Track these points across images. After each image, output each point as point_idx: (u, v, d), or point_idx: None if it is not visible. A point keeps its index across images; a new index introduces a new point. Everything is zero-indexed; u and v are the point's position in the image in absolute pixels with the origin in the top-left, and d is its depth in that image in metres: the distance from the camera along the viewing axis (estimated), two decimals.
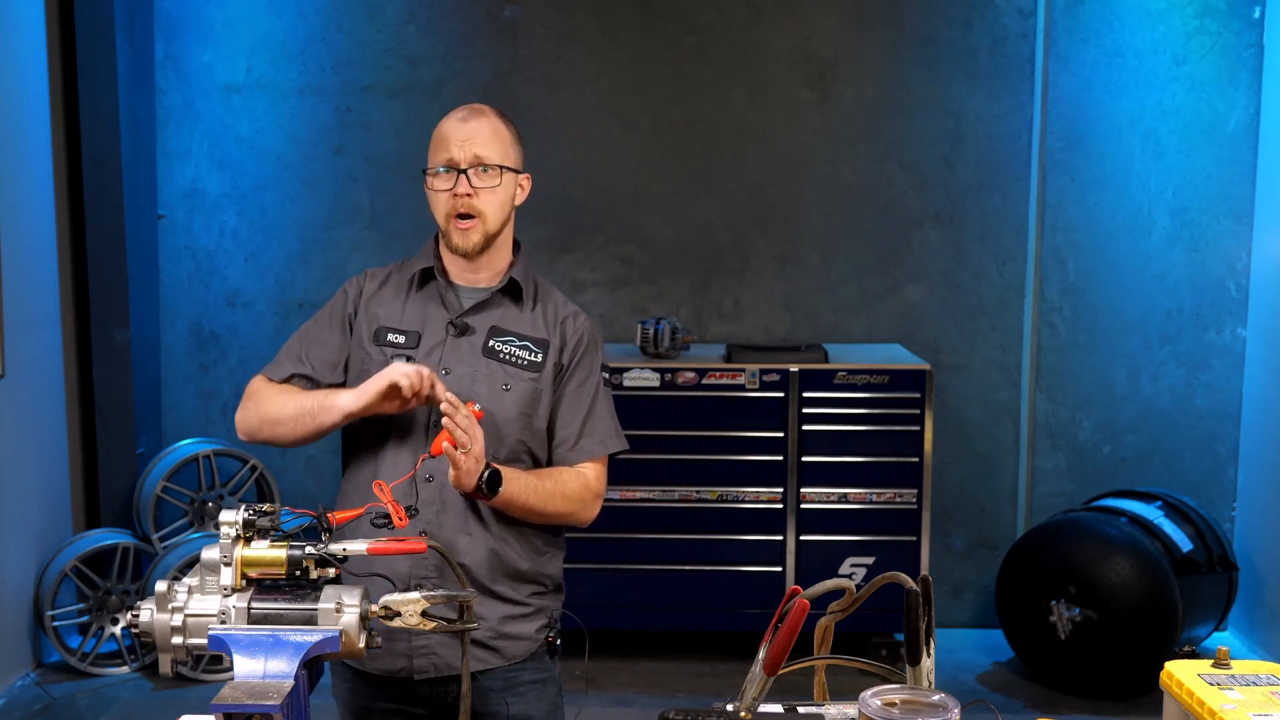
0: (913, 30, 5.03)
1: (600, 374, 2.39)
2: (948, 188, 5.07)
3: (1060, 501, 5.08)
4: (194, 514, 4.74)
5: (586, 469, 2.35)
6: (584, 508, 2.35)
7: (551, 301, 2.40)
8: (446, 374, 2.28)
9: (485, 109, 2.35)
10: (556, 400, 2.34)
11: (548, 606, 2.38)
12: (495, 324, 2.33)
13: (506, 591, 2.31)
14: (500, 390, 2.29)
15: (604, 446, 2.36)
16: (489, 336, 2.32)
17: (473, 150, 2.28)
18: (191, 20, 5.01)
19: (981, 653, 4.89)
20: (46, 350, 4.72)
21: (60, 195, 4.78)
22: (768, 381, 4.55)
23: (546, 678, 2.38)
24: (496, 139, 2.31)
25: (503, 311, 2.35)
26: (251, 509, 1.77)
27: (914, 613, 1.76)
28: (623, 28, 5.06)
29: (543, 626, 2.37)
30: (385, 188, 5.09)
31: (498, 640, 2.30)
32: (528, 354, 2.32)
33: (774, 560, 4.60)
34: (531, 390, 2.31)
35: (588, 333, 2.39)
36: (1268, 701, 1.73)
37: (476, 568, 2.27)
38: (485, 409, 2.23)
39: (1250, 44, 4.93)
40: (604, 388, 2.40)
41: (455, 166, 2.28)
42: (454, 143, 2.29)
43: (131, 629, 1.76)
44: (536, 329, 2.35)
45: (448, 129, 2.31)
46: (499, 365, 2.30)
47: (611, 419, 2.40)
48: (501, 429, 2.28)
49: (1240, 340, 5.04)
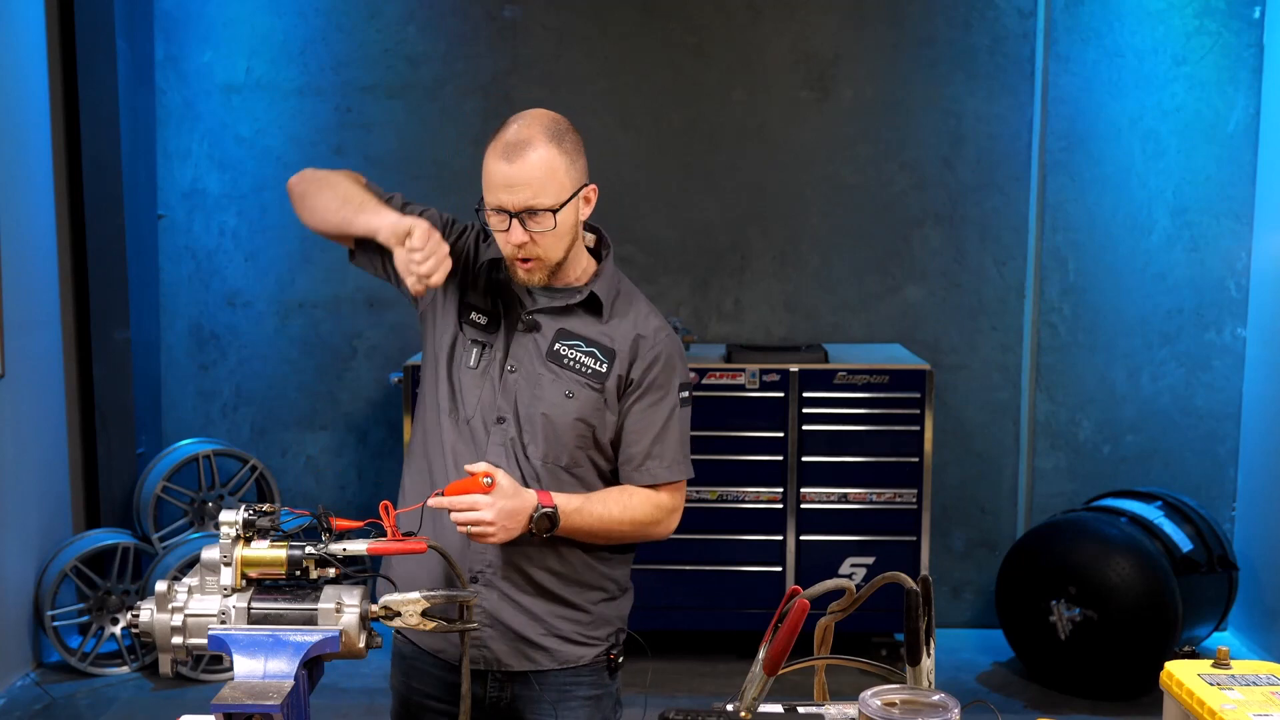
0: (913, 30, 5.03)
1: (677, 395, 2.25)
2: (948, 188, 5.07)
3: (1060, 501, 5.08)
4: (194, 514, 4.74)
5: (662, 490, 2.24)
6: (656, 526, 2.24)
7: (632, 314, 2.24)
8: (513, 371, 2.19)
9: (532, 137, 2.10)
10: (625, 415, 2.22)
11: (611, 616, 2.29)
12: (564, 326, 2.21)
13: (568, 596, 2.22)
14: (563, 397, 2.18)
15: (669, 473, 2.24)
16: (555, 339, 2.20)
17: (521, 198, 2.08)
18: (191, 20, 5.01)
19: (981, 653, 4.89)
20: (46, 350, 4.72)
21: (60, 195, 4.78)
22: (768, 381, 4.55)
23: (602, 694, 2.28)
24: (549, 178, 2.09)
25: (576, 319, 2.22)
26: (251, 509, 1.77)
27: (914, 613, 1.76)
28: (623, 28, 5.06)
29: (603, 637, 2.27)
30: (385, 188, 5.04)
31: (549, 639, 2.21)
32: (593, 362, 2.20)
33: (774, 560, 4.60)
34: (594, 401, 2.19)
35: (665, 351, 2.23)
36: (1268, 701, 1.72)
37: (534, 570, 2.19)
38: (547, 414, 2.17)
39: (1250, 44, 4.93)
40: (680, 410, 2.25)
41: (506, 211, 2.10)
42: (501, 188, 2.09)
43: (131, 629, 1.76)
44: (607, 336, 2.21)
45: (494, 169, 2.10)
46: (563, 371, 2.19)
47: (684, 443, 2.26)
48: (563, 436, 2.18)
49: (1240, 340, 5.04)
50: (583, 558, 2.23)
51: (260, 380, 5.17)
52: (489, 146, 2.13)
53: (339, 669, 4.43)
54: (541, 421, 2.18)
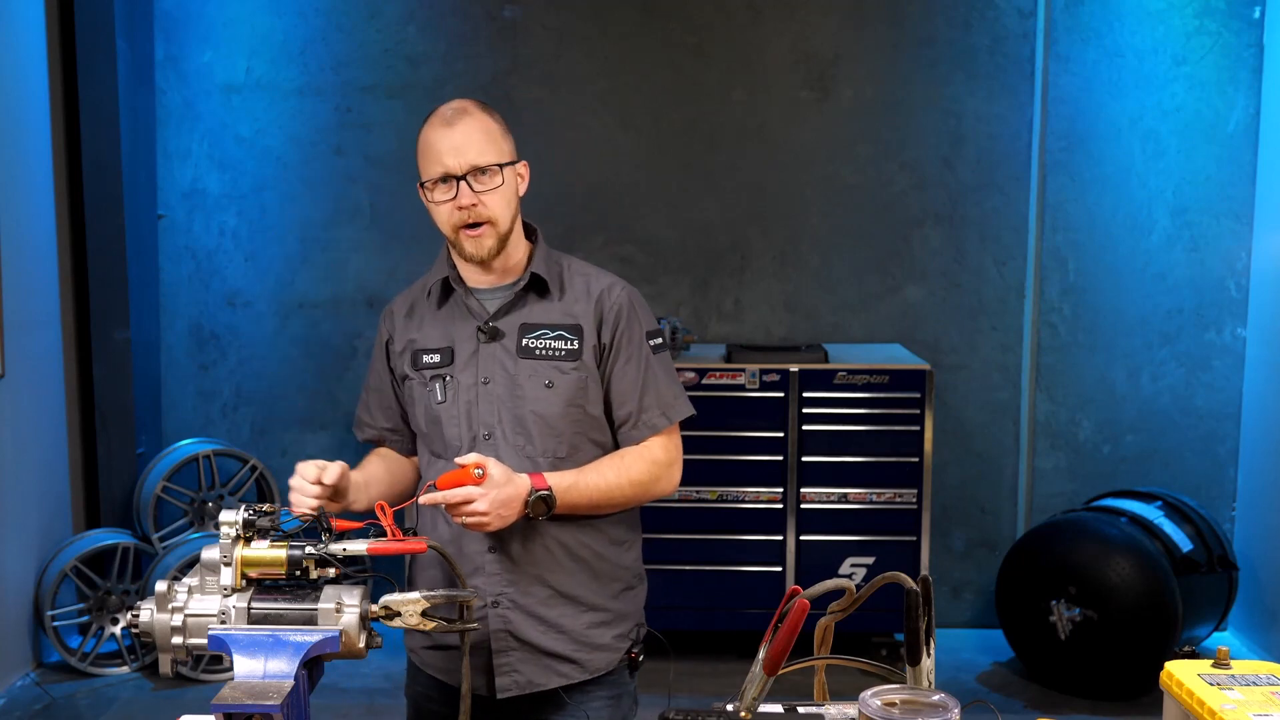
0: (913, 30, 5.03)
1: (647, 342, 2.27)
2: (948, 188, 5.07)
3: (1060, 501, 5.08)
4: (194, 514, 4.74)
5: (651, 443, 2.24)
6: (657, 483, 2.24)
7: (580, 280, 2.28)
8: (486, 383, 2.20)
9: (467, 107, 2.20)
10: (607, 381, 2.24)
11: (629, 611, 2.29)
12: (524, 320, 2.23)
13: (588, 596, 2.23)
14: (544, 389, 2.19)
15: (666, 417, 2.25)
16: (521, 335, 2.22)
17: (467, 158, 2.15)
18: (191, 20, 5.01)
19: (981, 653, 4.89)
20: (46, 350, 4.72)
21: (60, 195, 4.78)
22: (768, 381, 4.55)
23: (621, 693, 2.29)
24: (488, 139, 2.18)
25: (530, 307, 2.24)
26: (251, 509, 1.77)
27: (914, 613, 1.76)
28: (623, 28, 5.06)
29: (624, 634, 2.28)
30: (385, 188, 5.09)
31: (579, 651, 2.22)
32: (564, 344, 2.21)
33: (774, 560, 4.60)
34: (576, 381, 2.20)
35: (624, 303, 2.26)
36: (1268, 701, 1.72)
37: (551, 574, 2.20)
38: (535, 411, 2.18)
39: (1250, 44, 4.93)
40: (655, 354, 2.27)
41: (452, 175, 2.15)
42: (445, 152, 2.16)
43: (131, 629, 1.76)
44: (568, 315, 2.23)
45: (434, 138, 2.18)
46: (537, 363, 2.20)
47: (671, 384, 2.27)
48: (555, 425, 2.19)
49: (1240, 340, 5.04)
50: (593, 550, 2.23)
51: (260, 380, 5.17)
52: (424, 129, 2.22)
53: (339, 669, 4.44)
54: (532, 419, 2.19)
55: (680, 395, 2.29)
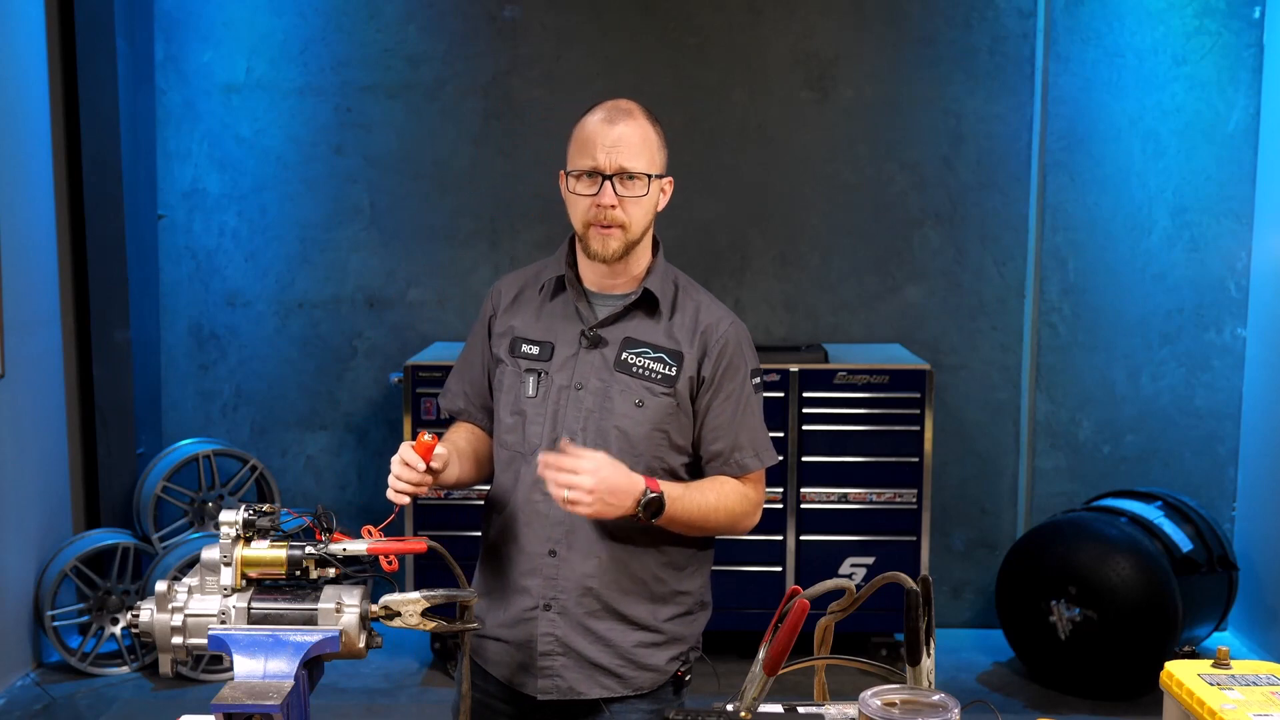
0: (913, 30, 5.03)
1: (750, 381, 2.25)
2: (948, 188, 5.07)
3: (1060, 501, 5.08)
4: (194, 514, 4.74)
5: (747, 480, 2.23)
6: (745, 518, 2.24)
7: (692, 307, 2.24)
8: (580, 389, 2.18)
9: (634, 109, 2.19)
10: (703, 414, 2.21)
11: (684, 635, 2.26)
12: (629, 334, 2.20)
13: (641, 616, 2.20)
14: (634, 407, 2.16)
15: (759, 459, 2.23)
16: (622, 349, 2.18)
17: (619, 160, 2.12)
18: (191, 20, 5.01)
19: (981, 653, 4.89)
20: (46, 350, 4.72)
21: (60, 195, 4.78)
22: (768, 381, 4.55)
23: (663, 709, 2.24)
24: (644, 146, 2.15)
25: (637, 322, 2.21)
26: (251, 509, 1.77)
27: (914, 613, 1.76)
28: (623, 28, 5.06)
29: (675, 657, 2.25)
30: (385, 188, 5.09)
31: (625, 667, 2.20)
32: (662, 366, 2.18)
33: (774, 560, 4.60)
34: (665, 406, 2.17)
35: (732, 340, 2.22)
36: (1268, 701, 1.73)
37: (606, 590, 2.17)
38: (620, 427, 2.15)
39: (1250, 44, 4.93)
40: (754, 395, 2.25)
41: (600, 173, 2.13)
42: (600, 148, 2.13)
43: (131, 629, 1.76)
44: (672, 339, 2.20)
45: (594, 131, 2.15)
46: (632, 380, 2.17)
47: (763, 428, 2.26)
48: (637, 446, 2.15)
49: (1240, 340, 5.04)
50: (653, 572, 2.21)
51: (260, 380, 5.17)
52: (585, 118, 2.19)
53: (339, 669, 4.44)
54: (615, 435, 2.16)
55: (769, 442, 2.28)
